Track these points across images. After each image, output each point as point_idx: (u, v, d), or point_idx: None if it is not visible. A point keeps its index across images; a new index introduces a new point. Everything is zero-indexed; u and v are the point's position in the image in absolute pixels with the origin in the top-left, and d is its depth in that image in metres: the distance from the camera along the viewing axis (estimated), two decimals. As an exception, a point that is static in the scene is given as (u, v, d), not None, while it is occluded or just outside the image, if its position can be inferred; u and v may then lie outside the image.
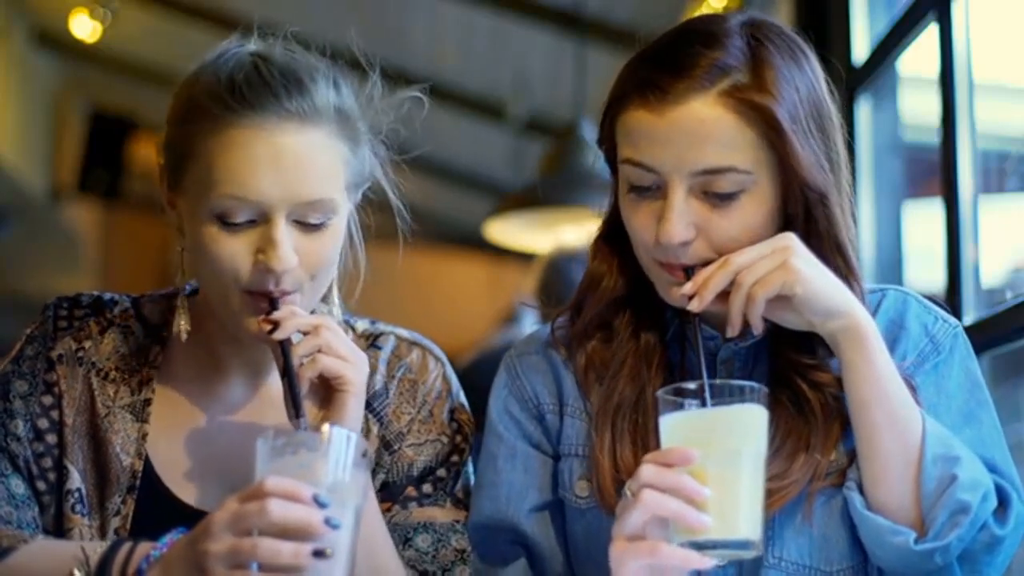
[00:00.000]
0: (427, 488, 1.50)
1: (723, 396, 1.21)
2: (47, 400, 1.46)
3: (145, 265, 7.45)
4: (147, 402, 1.47)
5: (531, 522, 1.45)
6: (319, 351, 1.35)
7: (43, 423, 1.45)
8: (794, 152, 1.31)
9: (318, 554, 1.14)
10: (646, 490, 1.17)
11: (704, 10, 3.71)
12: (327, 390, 1.37)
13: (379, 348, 1.54)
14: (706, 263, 1.33)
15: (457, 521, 1.49)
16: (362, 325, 1.57)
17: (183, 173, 1.39)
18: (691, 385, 1.21)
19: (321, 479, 1.17)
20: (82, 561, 1.29)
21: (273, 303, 1.36)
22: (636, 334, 1.44)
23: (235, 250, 1.35)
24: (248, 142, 1.34)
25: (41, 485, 1.44)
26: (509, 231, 4.56)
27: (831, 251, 1.35)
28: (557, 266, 3.70)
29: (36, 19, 6.71)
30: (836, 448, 1.36)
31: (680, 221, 1.31)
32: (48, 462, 1.44)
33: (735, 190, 1.31)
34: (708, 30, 1.35)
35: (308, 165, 1.35)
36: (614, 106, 1.37)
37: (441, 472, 1.51)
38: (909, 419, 1.30)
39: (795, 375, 1.37)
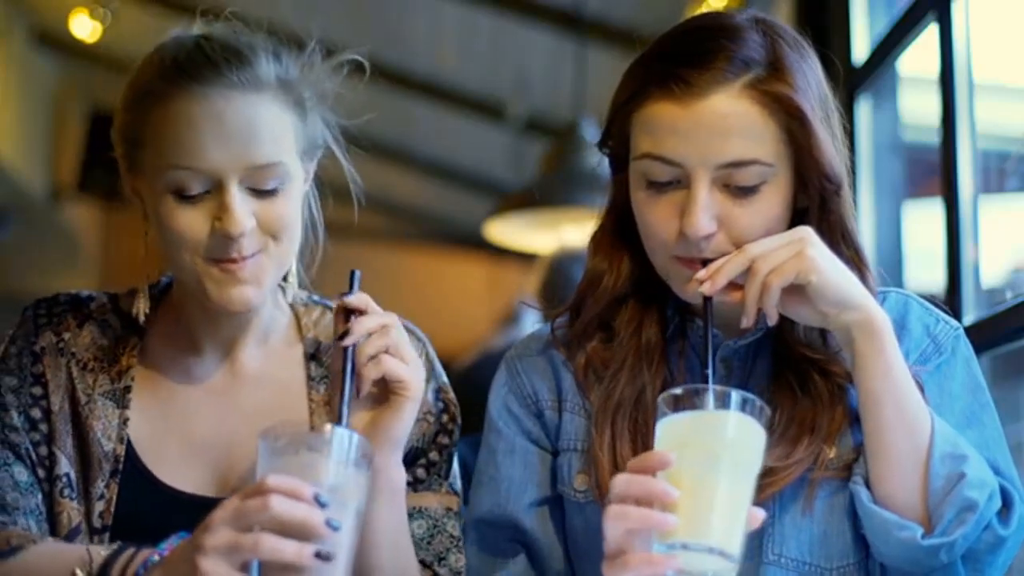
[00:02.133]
0: (420, 472, 1.51)
1: (711, 402, 1.19)
2: (36, 391, 1.48)
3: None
4: (127, 389, 1.49)
5: (531, 518, 1.45)
6: (386, 351, 1.35)
7: (36, 413, 1.47)
8: (817, 143, 1.33)
9: (320, 555, 1.14)
10: (612, 505, 1.17)
11: (704, 10, 3.71)
12: (383, 391, 1.37)
13: None
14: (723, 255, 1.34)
15: (450, 508, 1.50)
16: (323, 308, 1.59)
17: (138, 155, 1.43)
18: (678, 390, 1.19)
19: (323, 479, 1.17)
20: (86, 562, 1.30)
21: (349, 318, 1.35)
22: (637, 333, 1.44)
23: (192, 220, 1.38)
24: (193, 113, 1.38)
25: (41, 472, 1.46)
26: (509, 231, 4.56)
27: (844, 242, 1.37)
28: (559, 266, 3.70)
29: (36, 19, 6.71)
30: (841, 436, 1.36)
31: (705, 214, 1.32)
32: (44, 450, 1.46)
33: (757, 182, 1.32)
34: (725, 24, 1.36)
35: (254, 130, 1.39)
36: (630, 102, 1.36)
37: (433, 455, 1.52)
38: (919, 415, 1.30)
39: (804, 362, 1.38)
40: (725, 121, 1.31)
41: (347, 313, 1.35)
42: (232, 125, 1.38)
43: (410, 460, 1.49)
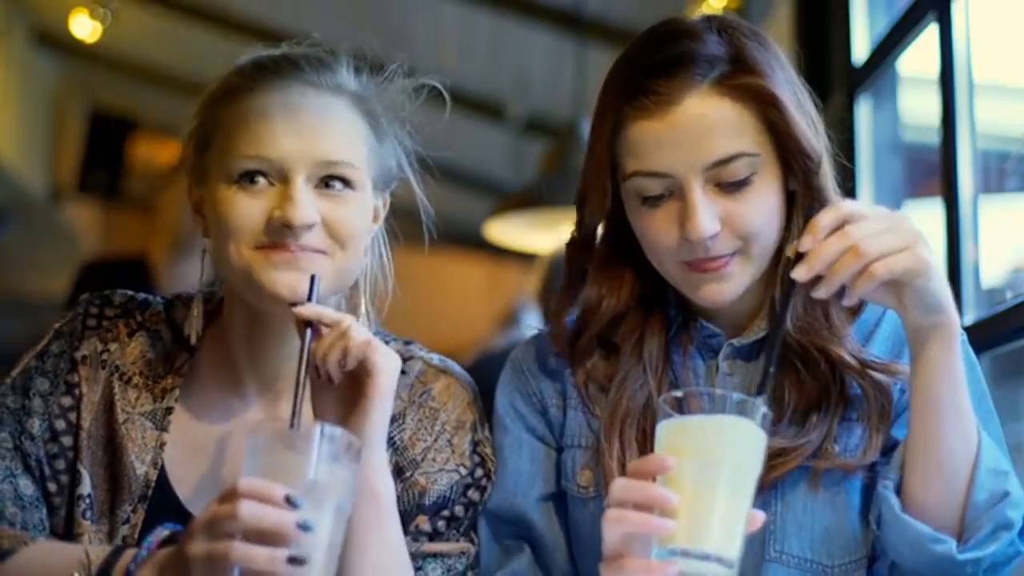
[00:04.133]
0: (440, 525, 1.45)
1: (711, 405, 1.18)
2: (66, 401, 1.45)
3: (145, 265, 7.44)
4: (168, 411, 1.45)
5: (538, 512, 1.46)
6: (346, 338, 1.31)
7: (60, 424, 1.44)
8: (795, 124, 1.34)
9: (293, 560, 1.12)
10: (610, 509, 1.17)
11: (704, 11, 3.71)
12: (351, 392, 1.33)
13: (404, 373, 1.48)
14: (734, 253, 1.34)
15: (464, 552, 1.45)
16: (395, 345, 1.53)
17: (208, 152, 1.41)
18: (679, 393, 1.19)
19: (297, 477, 1.16)
20: (84, 564, 1.28)
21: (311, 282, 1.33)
22: (639, 344, 1.45)
23: (252, 209, 1.36)
24: (269, 104, 1.37)
25: (52, 487, 1.42)
26: (509, 231, 4.56)
27: None
28: (559, 266, 3.69)
29: (36, 19, 6.71)
30: (845, 433, 1.36)
31: (706, 214, 1.33)
32: (61, 464, 1.43)
33: (747, 174, 1.34)
34: (681, 29, 1.38)
35: (326, 126, 1.38)
36: (609, 125, 1.37)
37: (457, 510, 1.46)
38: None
39: (808, 345, 1.38)
40: (702, 122, 1.32)
41: (306, 323, 1.32)
42: (306, 120, 1.37)
43: (436, 509, 1.45)
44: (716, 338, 1.44)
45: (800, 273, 1.23)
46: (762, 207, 1.35)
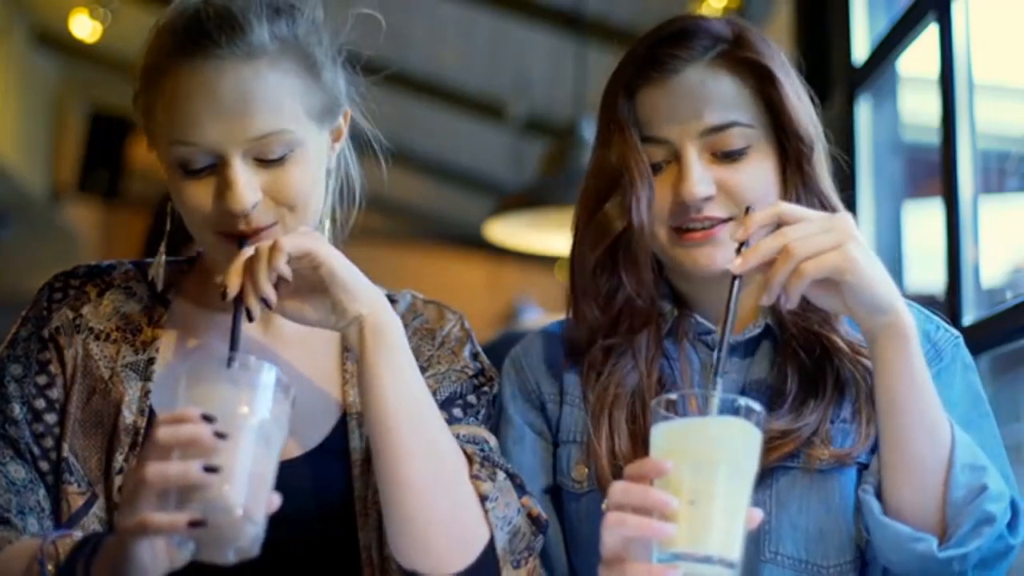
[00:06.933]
0: (456, 412, 1.46)
1: (705, 407, 1.17)
2: (41, 380, 1.45)
3: (145, 265, 7.43)
4: (151, 361, 1.45)
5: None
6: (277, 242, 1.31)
7: (40, 403, 1.44)
8: (790, 102, 1.40)
9: (209, 469, 1.11)
10: (610, 512, 1.16)
11: (704, 11, 3.72)
12: (311, 291, 1.34)
13: (395, 302, 1.51)
14: (727, 220, 1.37)
15: (486, 439, 1.44)
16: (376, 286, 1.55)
17: (151, 127, 1.42)
18: (673, 395, 1.18)
19: (215, 407, 1.15)
20: (52, 555, 1.26)
21: (241, 243, 1.35)
22: (632, 330, 1.46)
23: (198, 195, 1.36)
24: (188, 88, 1.35)
25: (44, 465, 1.42)
26: (509, 231, 4.57)
27: (821, 203, 1.40)
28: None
29: (36, 19, 6.72)
30: (839, 433, 1.37)
31: (700, 178, 1.37)
32: (49, 442, 1.42)
33: (743, 145, 1.38)
34: (691, 15, 1.46)
35: (249, 101, 1.35)
36: (624, 97, 1.42)
37: (471, 398, 1.49)
38: (940, 423, 1.30)
39: (806, 331, 1.39)
40: (700, 90, 1.38)
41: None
42: (227, 98, 1.34)
43: (447, 401, 1.46)
44: (711, 335, 1.45)
45: (735, 265, 1.25)
46: (758, 179, 1.39)
